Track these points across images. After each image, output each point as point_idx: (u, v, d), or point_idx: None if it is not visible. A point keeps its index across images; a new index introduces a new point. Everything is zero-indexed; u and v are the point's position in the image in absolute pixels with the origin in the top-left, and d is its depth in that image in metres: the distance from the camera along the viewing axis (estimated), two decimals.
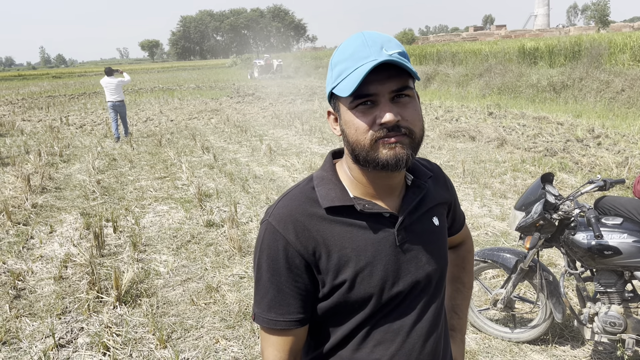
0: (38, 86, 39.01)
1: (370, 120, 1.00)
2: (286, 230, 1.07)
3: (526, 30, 58.26)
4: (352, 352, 1.13)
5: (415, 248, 1.12)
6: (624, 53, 15.47)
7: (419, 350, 1.14)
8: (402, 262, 1.10)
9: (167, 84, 34.11)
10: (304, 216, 1.08)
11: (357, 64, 0.99)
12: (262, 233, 1.11)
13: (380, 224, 1.09)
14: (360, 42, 1.02)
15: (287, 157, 9.35)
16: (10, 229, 5.93)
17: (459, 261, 1.50)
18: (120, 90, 12.16)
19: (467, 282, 1.51)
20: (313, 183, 1.13)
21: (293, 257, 1.07)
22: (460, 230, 1.43)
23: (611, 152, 7.91)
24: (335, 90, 1.03)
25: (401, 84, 1.00)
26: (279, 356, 1.12)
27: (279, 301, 1.09)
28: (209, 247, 5.20)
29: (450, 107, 14.92)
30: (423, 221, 1.16)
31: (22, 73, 74.96)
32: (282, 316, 1.09)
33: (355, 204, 1.08)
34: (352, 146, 1.05)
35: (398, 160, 1.01)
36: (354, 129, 1.03)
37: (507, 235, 5.06)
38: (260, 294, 1.12)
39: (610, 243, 2.64)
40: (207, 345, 3.47)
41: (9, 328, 3.76)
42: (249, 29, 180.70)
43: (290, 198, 1.12)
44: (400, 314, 1.12)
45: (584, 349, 3.20)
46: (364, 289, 1.07)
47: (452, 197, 1.31)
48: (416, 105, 1.04)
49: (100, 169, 9.07)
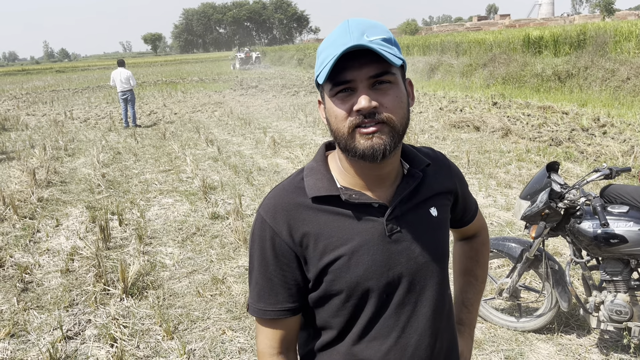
0: (42, 80, 39.07)
1: (349, 107, 0.99)
2: (274, 221, 1.07)
3: (530, 19, 57.82)
4: (348, 346, 1.11)
5: (408, 239, 1.09)
6: (630, 41, 15.32)
7: (415, 345, 1.11)
8: (392, 253, 1.08)
9: (171, 77, 34.09)
10: (291, 206, 1.08)
11: (335, 50, 0.96)
12: (254, 224, 1.13)
13: (369, 214, 1.08)
14: (342, 30, 1.00)
15: (291, 149, 9.34)
16: (17, 222, 5.96)
17: (473, 254, 1.45)
18: (130, 81, 13.20)
19: (480, 276, 1.45)
20: (303, 174, 1.13)
21: (280, 246, 1.07)
22: (473, 221, 1.38)
23: (617, 141, 7.86)
24: (318, 78, 1.02)
25: (380, 70, 0.98)
26: (270, 345, 1.13)
27: (268, 291, 1.10)
28: (214, 239, 5.21)
29: (454, 97, 14.85)
30: (418, 211, 1.13)
31: (26, 68, 74.96)
32: (271, 306, 1.10)
33: (341, 194, 1.07)
34: (334, 134, 1.04)
35: (375, 150, 0.99)
36: (333, 116, 1.02)
37: (512, 225, 5.06)
38: (252, 284, 1.13)
39: (616, 231, 2.63)
40: (214, 336, 3.49)
41: (17, 321, 3.79)
42: (252, 21, 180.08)
43: (279, 189, 1.13)
44: (395, 308, 1.09)
45: (590, 337, 3.20)
46: (349, 277, 1.06)
47: (458, 186, 1.26)
48: (398, 92, 1.01)
49: (105, 163, 9.09)
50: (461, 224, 1.37)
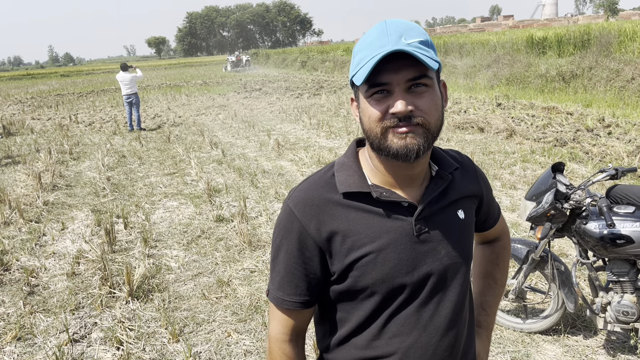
0: (47, 85, 39.27)
1: (384, 109, 1.00)
2: (302, 214, 1.08)
3: (534, 20, 57.68)
4: (368, 341, 1.12)
5: (435, 240, 1.10)
6: (634, 41, 15.27)
7: (436, 345, 1.12)
8: (418, 252, 1.09)
9: (174, 81, 34.20)
10: (321, 201, 1.09)
11: (373, 53, 0.98)
12: (281, 214, 1.14)
13: (398, 212, 1.09)
14: (380, 31, 1.00)
15: (295, 152, 9.35)
16: (23, 226, 5.99)
17: (493, 257, 1.46)
18: (134, 84, 13.29)
19: (499, 279, 1.46)
20: (334, 169, 1.14)
21: (306, 240, 1.09)
22: (495, 225, 1.40)
23: (622, 141, 7.83)
24: (354, 78, 1.03)
25: (418, 73, 0.99)
26: (283, 331, 1.17)
27: (288, 282, 1.13)
28: (219, 242, 5.22)
29: (458, 98, 14.83)
30: (446, 213, 1.14)
31: (31, 72, 75.39)
32: (289, 296, 1.13)
33: (372, 191, 1.08)
34: (366, 133, 1.05)
35: (408, 150, 1.00)
36: (367, 116, 1.03)
37: (517, 226, 5.04)
38: (274, 272, 1.16)
39: (622, 232, 2.62)
40: (219, 338, 3.49)
41: (23, 324, 3.81)
42: (255, 24, 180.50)
43: (310, 182, 1.13)
44: (417, 307, 1.10)
45: (596, 338, 3.18)
46: (376, 274, 1.07)
47: (484, 190, 1.28)
48: (433, 95, 1.01)
49: (110, 166, 9.12)
50: (484, 228, 1.38)
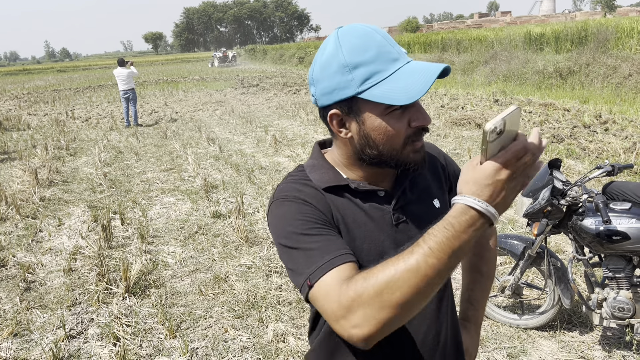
0: (43, 80, 39.09)
1: (405, 124, 1.00)
2: (299, 194, 1.05)
3: (532, 16, 57.70)
4: None
5: (413, 230, 1.10)
6: (631, 38, 15.29)
7: (424, 333, 1.13)
8: (398, 241, 1.08)
9: (172, 76, 34.09)
10: (307, 194, 1.06)
11: (393, 66, 0.95)
12: (275, 210, 1.05)
13: (376, 202, 1.09)
14: (380, 41, 0.97)
15: (292, 148, 9.34)
16: (19, 222, 5.97)
17: (478, 249, 1.43)
18: (131, 80, 13.28)
19: (485, 272, 1.43)
20: (305, 171, 1.12)
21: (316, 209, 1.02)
22: None
23: (619, 138, 7.84)
24: (367, 95, 0.95)
25: None
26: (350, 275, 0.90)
27: (329, 242, 0.96)
28: (216, 238, 5.22)
29: (455, 95, 14.83)
30: (422, 203, 1.14)
31: (27, 67, 74.95)
32: (338, 251, 0.94)
33: (350, 182, 1.08)
34: (379, 151, 1.01)
35: (423, 162, 1.05)
36: (383, 133, 0.99)
37: (514, 222, 5.05)
38: (305, 255, 0.95)
39: (618, 228, 2.63)
40: (216, 334, 3.50)
41: (20, 320, 3.80)
42: (253, 19, 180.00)
43: (286, 183, 1.10)
44: None
45: (592, 334, 3.19)
46: (363, 261, 1.02)
47: (448, 166, 1.26)
48: None
49: (106, 162, 9.10)
50: None
